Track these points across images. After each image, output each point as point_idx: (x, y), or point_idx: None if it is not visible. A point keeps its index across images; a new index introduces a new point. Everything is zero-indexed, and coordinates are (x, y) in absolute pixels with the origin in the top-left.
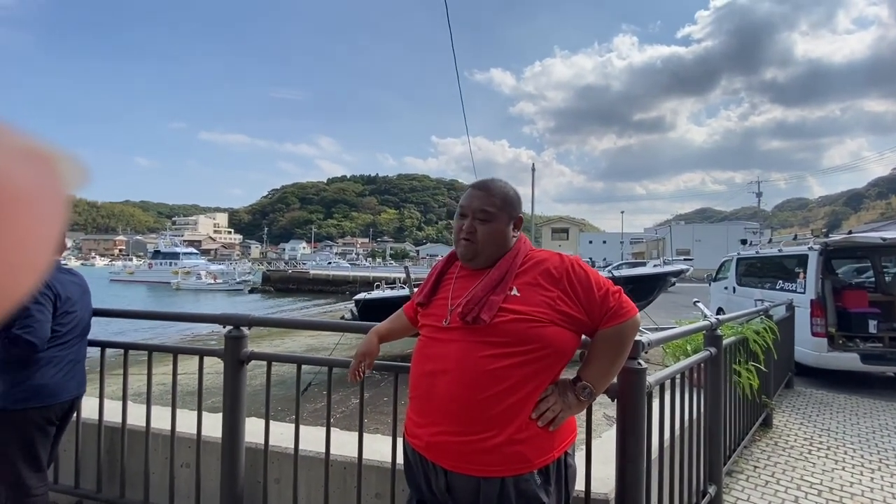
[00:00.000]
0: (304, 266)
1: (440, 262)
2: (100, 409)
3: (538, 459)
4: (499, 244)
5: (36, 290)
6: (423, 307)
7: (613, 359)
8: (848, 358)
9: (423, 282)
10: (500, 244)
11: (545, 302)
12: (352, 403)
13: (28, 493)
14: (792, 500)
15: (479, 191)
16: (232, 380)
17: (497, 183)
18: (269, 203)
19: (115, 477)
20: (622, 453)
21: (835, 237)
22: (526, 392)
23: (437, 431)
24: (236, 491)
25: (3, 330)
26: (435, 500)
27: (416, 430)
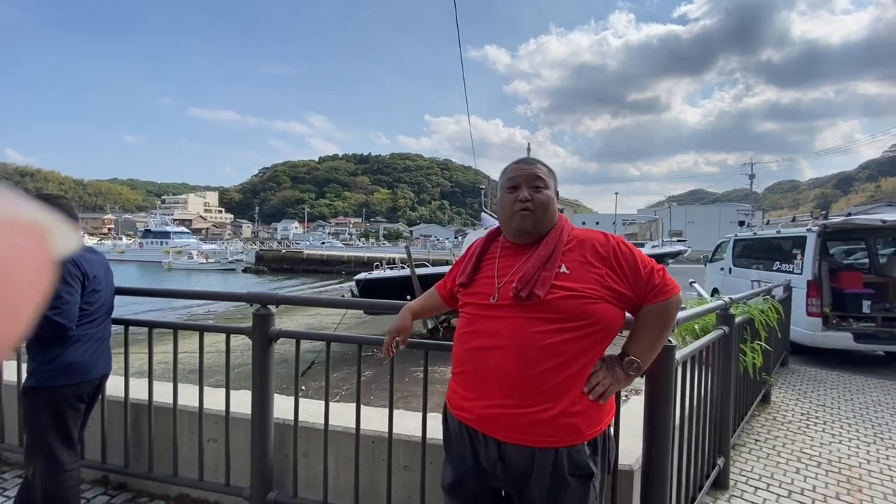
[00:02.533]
0: (297, 246)
1: (479, 241)
2: (125, 387)
3: (589, 431)
4: (552, 214)
5: (64, 270)
6: (465, 287)
7: (659, 334)
8: (841, 337)
9: (456, 262)
10: (553, 214)
11: (595, 279)
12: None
13: (61, 469)
14: (793, 471)
15: (525, 163)
16: (261, 357)
17: (535, 158)
18: (260, 182)
19: (141, 452)
20: (650, 426)
21: (834, 219)
22: (579, 366)
23: (490, 405)
24: (266, 464)
25: None
26: (480, 471)
27: (463, 403)
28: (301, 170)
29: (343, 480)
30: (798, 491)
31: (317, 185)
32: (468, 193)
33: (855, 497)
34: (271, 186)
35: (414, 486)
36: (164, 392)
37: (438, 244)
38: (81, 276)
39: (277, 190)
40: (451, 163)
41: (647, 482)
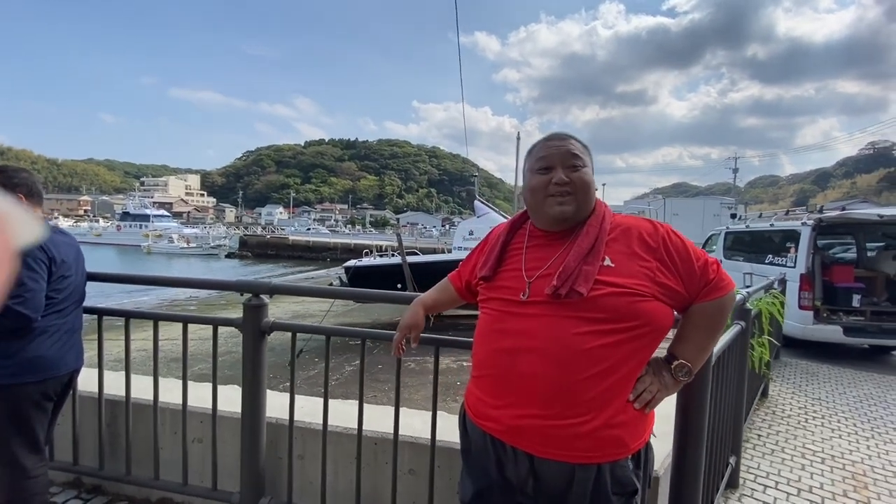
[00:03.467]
0: (282, 232)
1: (500, 230)
2: (99, 381)
3: (634, 444)
4: (592, 196)
5: (28, 254)
6: (488, 280)
7: (712, 335)
8: (831, 330)
9: (473, 251)
10: (592, 196)
11: (644, 273)
12: (345, 370)
13: (26, 475)
14: (799, 468)
15: (558, 139)
16: (252, 352)
17: (565, 132)
18: (244, 165)
19: (117, 453)
20: (683, 433)
21: (829, 213)
22: (625, 372)
23: (522, 415)
24: (258, 467)
25: None
26: (507, 487)
27: (489, 411)
28: (286, 154)
29: (342, 485)
30: (806, 489)
31: (302, 170)
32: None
33: (862, 494)
34: (255, 170)
35: (419, 492)
36: (142, 388)
37: (426, 232)
38: (48, 260)
39: (262, 174)
40: (439, 150)
41: (677, 490)
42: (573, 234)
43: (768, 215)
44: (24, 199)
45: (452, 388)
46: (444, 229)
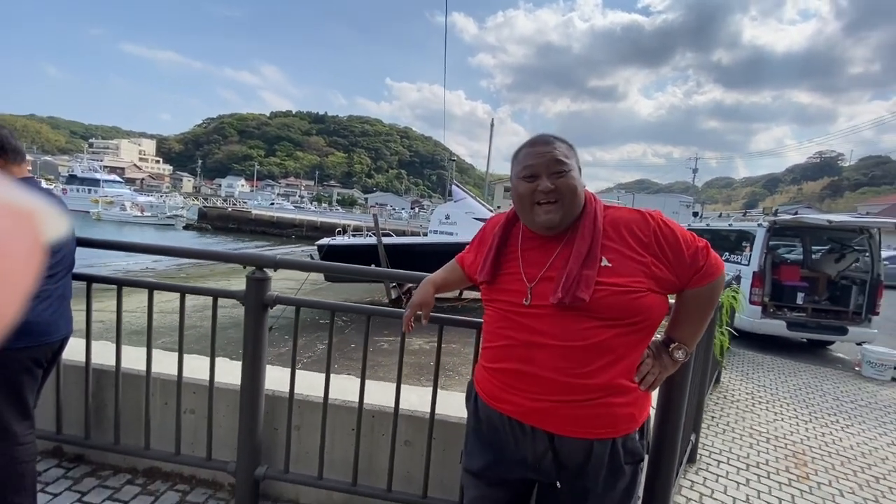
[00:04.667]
0: (244, 205)
1: (494, 227)
2: (87, 350)
3: (641, 418)
4: (580, 199)
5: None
6: (488, 285)
7: (704, 317)
8: (776, 324)
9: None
10: (580, 198)
11: (640, 270)
12: (318, 349)
13: (16, 441)
14: (747, 446)
15: (543, 145)
16: (254, 325)
17: (550, 134)
18: (204, 133)
19: (103, 423)
20: (666, 409)
21: (784, 216)
22: (632, 358)
23: (540, 399)
24: (256, 437)
25: None
26: (520, 462)
27: (504, 395)
28: (250, 124)
29: (337, 455)
30: (754, 465)
31: (267, 142)
32: (427, 164)
33: (801, 470)
34: (216, 139)
35: (414, 462)
36: (129, 358)
37: (395, 214)
38: None
39: (223, 143)
40: (411, 131)
41: (656, 462)
42: (567, 235)
43: (727, 215)
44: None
45: (427, 367)
46: (413, 212)
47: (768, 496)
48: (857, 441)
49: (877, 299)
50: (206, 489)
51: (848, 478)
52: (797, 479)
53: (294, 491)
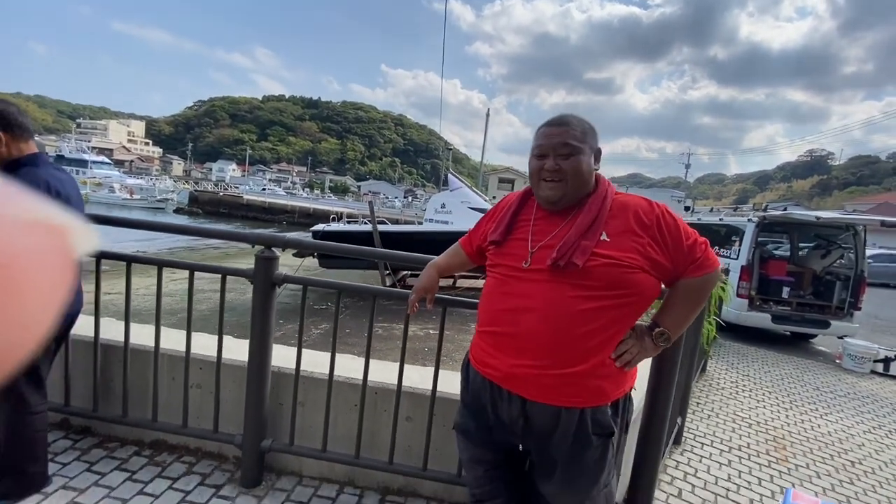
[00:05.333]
0: (236, 190)
1: (512, 200)
2: (95, 325)
3: (614, 394)
4: (585, 180)
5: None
6: (497, 245)
7: (693, 308)
8: (761, 317)
9: (483, 218)
10: (586, 180)
11: (636, 248)
12: (313, 333)
13: (29, 411)
14: (730, 430)
15: (556, 126)
16: (262, 303)
17: (573, 116)
18: (195, 116)
19: (110, 396)
20: (656, 388)
21: (773, 212)
22: (611, 333)
23: (519, 364)
24: (262, 411)
25: None
26: (498, 425)
27: (489, 360)
28: (242, 107)
29: (340, 430)
30: (736, 447)
31: (259, 127)
32: (422, 153)
33: (781, 453)
34: (207, 122)
35: (414, 436)
36: (136, 334)
37: (388, 202)
38: (54, 196)
39: (214, 127)
40: (405, 119)
41: (644, 439)
42: (575, 211)
43: (719, 210)
44: (2, 135)
45: (421, 353)
46: (406, 201)
47: (748, 476)
48: (835, 428)
49: (859, 295)
50: (212, 461)
51: (825, 461)
52: (776, 461)
53: (298, 463)
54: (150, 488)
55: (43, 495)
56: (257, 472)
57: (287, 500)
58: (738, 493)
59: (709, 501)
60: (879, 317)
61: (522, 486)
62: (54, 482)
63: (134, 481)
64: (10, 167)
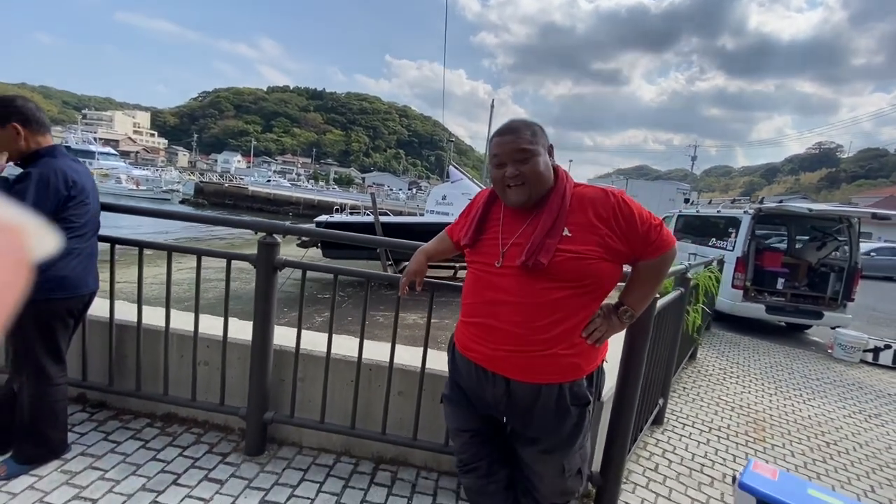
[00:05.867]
0: (241, 181)
1: (479, 202)
2: (110, 306)
3: (588, 367)
4: (545, 178)
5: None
6: (470, 248)
7: (653, 286)
8: (755, 308)
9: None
10: (546, 177)
11: (596, 240)
12: (315, 321)
13: (50, 382)
14: (713, 412)
15: (507, 135)
16: (264, 285)
17: (518, 121)
18: (200, 107)
19: (124, 373)
20: (627, 365)
21: (768, 204)
22: (580, 317)
23: (500, 348)
24: (265, 385)
25: None
26: (482, 401)
27: (473, 345)
28: (247, 98)
29: (337, 403)
30: (716, 428)
31: (264, 118)
32: (426, 145)
33: (759, 434)
34: (212, 113)
35: (405, 409)
36: (148, 315)
37: (392, 194)
38: (66, 190)
39: (219, 118)
40: (410, 110)
41: (617, 411)
42: (538, 207)
43: (717, 202)
44: (21, 129)
45: (418, 339)
46: (410, 192)
47: (724, 454)
48: (816, 412)
49: (853, 286)
50: (219, 432)
51: (801, 441)
52: (754, 440)
53: (298, 434)
54: (162, 455)
55: (63, 461)
56: (261, 441)
57: (288, 467)
58: (713, 467)
59: (683, 475)
60: (878, 309)
61: (504, 449)
62: (73, 450)
63: (147, 449)
64: (29, 159)
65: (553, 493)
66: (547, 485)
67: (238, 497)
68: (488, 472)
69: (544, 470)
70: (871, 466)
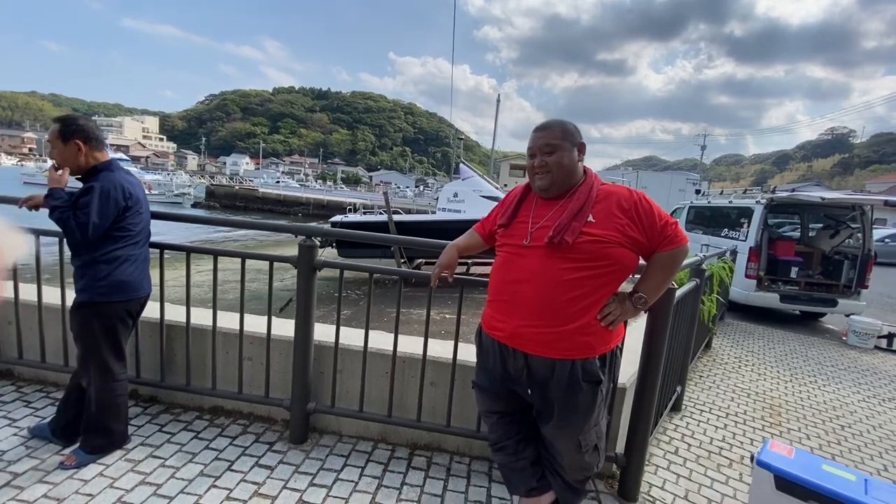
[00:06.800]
0: (250, 183)
1: (517, 191)
2: (161, 307)
3: (600, 348)
4: (569, 170)
5: (111, 197)
6: (504, 228)
7: (666, 277)
8: (770, 297)
9: (495, 208)
10: (570, 170)
11: (616, 227)
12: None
13: (113, 378)
14: (729, 399)
15: (540, 131)
16: (305, 285)
17: (554, 120)
18: (207, 110)
19: (174, 369)
20: (648, 352)
21: (780, 193)
22: (595, 298)
23: (521, 325)
24: (307, 378)
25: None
26: (507, 376)
27: (497, 324)
28: (253, 100)
29: (374, 394)
30: (733, 414)
31: (270, 119)
32: (432, 142)
33: (775, 419)
34: (219, 116)
35: (437, 398)
36: (197, 315)
37: (399, 192)
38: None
39: (226, 120)
40: (415, 107)
41: (640, 396)
42: (566, 198)
43: (728, 193)
44: (82, 146)
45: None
46: (418, 190)
47: (742, 437)
48: (831, 398)
49: (866, 273)
50: (263, 423)
51: (816, 426)
52: (770, 425)
53: (337, 423)
54: (214, 444)
55: (125, 451)
56: (304, 430)
57: (331, 454)
58: (731, 450)
59: (702, 457)
60: (892, 296)
61: (529, 430)
62: (133, 440)
63: (199, 439)
64: (89, 173)
65: (574, 469)
66: (567, 460)
67: (289, 480)
68: (516, 449)
69: (563, 445)
70: (885, 447)
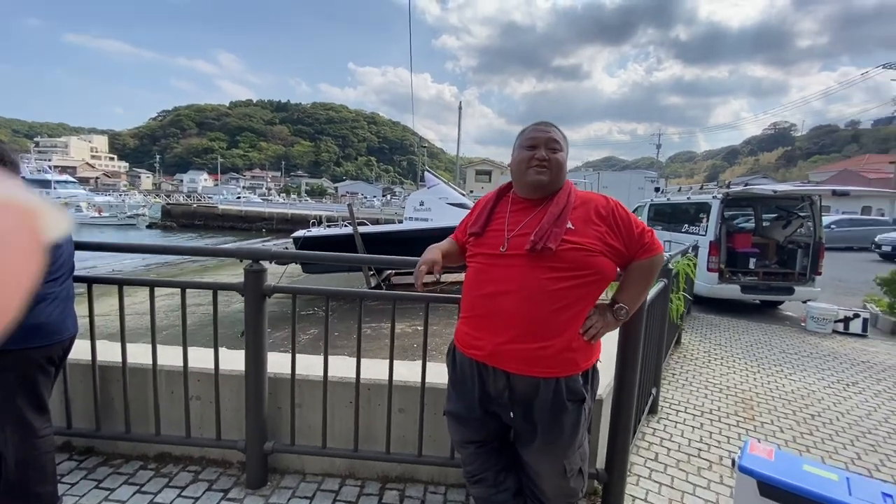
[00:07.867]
0: (210, 200)
1: (489, 196)
2: (92, 347)
3: (584, 364)
4: (563, 174)
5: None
6: (476, 237)
7: (645, 285)
8: (731, 289)
9: (465, 217)
10: (563, 174)
11: (596, 235)
12: (301, 339)
13: (35, 434)
14: (703, 396)
15: (544, 126)
16: (254, 314)
17: (551, 122)
18: (160, 127)
19: (112, 415)
20: (623, 361)
21: (735, 188)
22: (578, 309)
23: (502, 342)
24: (262, 415)
25: None
26: (486, 399)
27: (474, 342)
28: (209, 115)
29: (338, 426)
30: (708, 412)
31: (228, 134)
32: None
33: (748, 413)
34: (174, 132)
35: (408, 426)
36: (135, 352)
37: (367, 202)
38: None
39: (181, 137)
40: (378, 116)
41: (617, 407)
42: (545, 203)
43: (686, 189)
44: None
45: (409, 349)
46: (385, 199)
47: (718, 436)
48: (798, 386)
49: (819, 260)
50: (217, 468)
51: (787, 416)
52: (744, 420)
53: (300, 462)
54: (159, 498)
55: None
56: (262, 473)
57: (293, 496)
58: (709, 451)
59: (682, 461)
60: (843, 279)
61: (510, 458)
62: (64, 501)
63: (143, 493)
64: None
65: (557, 495)
66: (550, 486)
67: None
68: (496, 481)
69: (546, 469)
70: (855, 434)
